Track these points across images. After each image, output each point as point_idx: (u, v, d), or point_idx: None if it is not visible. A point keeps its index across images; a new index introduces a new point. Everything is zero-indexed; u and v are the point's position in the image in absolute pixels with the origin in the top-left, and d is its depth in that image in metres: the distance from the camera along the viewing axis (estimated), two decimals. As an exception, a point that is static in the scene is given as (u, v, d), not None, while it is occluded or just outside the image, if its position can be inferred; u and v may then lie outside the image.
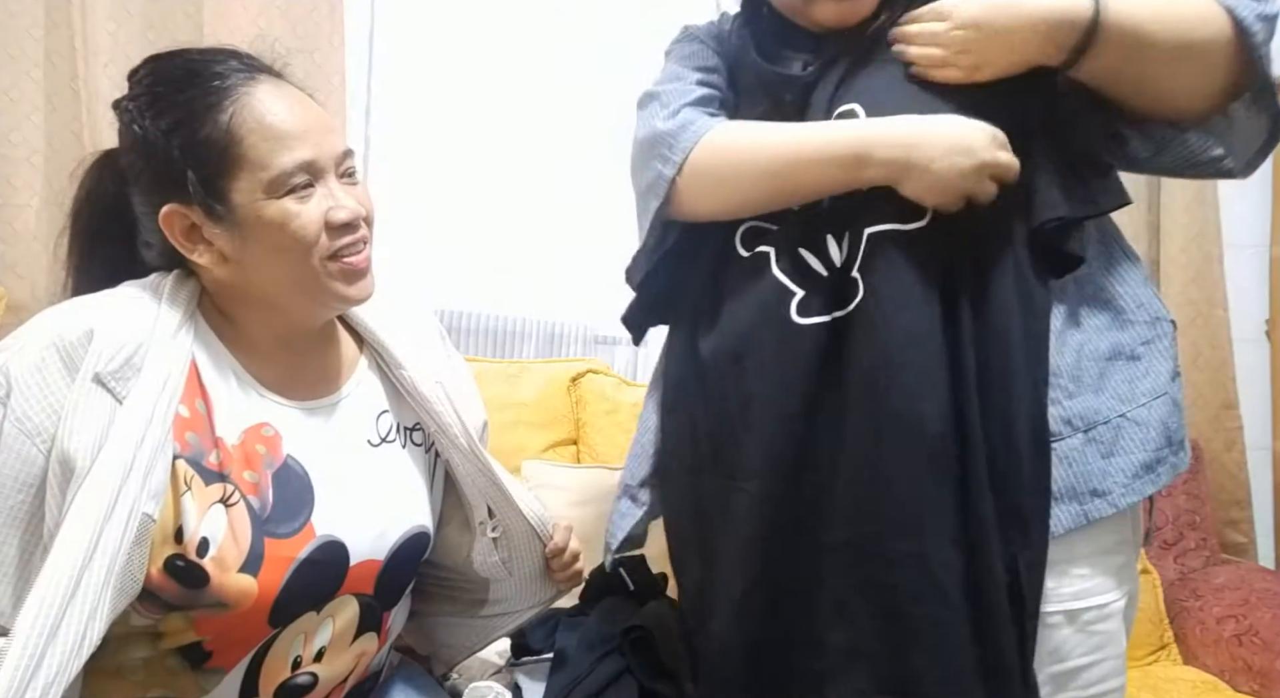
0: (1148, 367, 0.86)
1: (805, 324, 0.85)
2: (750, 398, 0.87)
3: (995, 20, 0.81)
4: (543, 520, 1.02)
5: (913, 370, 0.79)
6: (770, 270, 0.88)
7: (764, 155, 0.88)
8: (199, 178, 0.79)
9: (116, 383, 0.73)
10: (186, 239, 0.82)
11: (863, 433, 0.81)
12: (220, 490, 0.79)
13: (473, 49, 2.03)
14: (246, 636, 0.81)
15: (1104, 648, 0.83)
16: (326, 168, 0.83)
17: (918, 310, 0.80)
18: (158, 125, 0.80)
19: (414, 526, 0.94)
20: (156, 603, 0.77)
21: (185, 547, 0.76)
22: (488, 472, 0.98)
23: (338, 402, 0.92)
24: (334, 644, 0.87)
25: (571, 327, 2.08)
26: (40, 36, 1.66)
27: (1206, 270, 2.10)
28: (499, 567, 1.01)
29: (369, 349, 0.99)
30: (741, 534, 0.87)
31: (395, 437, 0.96)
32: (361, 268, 0.86)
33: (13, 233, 1.65)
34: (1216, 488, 2.08)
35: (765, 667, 0.86)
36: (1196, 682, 1.66)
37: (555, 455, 1.80)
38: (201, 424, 0.80)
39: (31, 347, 0.74)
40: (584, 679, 1.09)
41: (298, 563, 0.81)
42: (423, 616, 1.10)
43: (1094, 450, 0.82)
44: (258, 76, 0.83)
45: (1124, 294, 0.88)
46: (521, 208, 2.04)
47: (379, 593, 0.91)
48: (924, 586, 0.78)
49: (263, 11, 1.75)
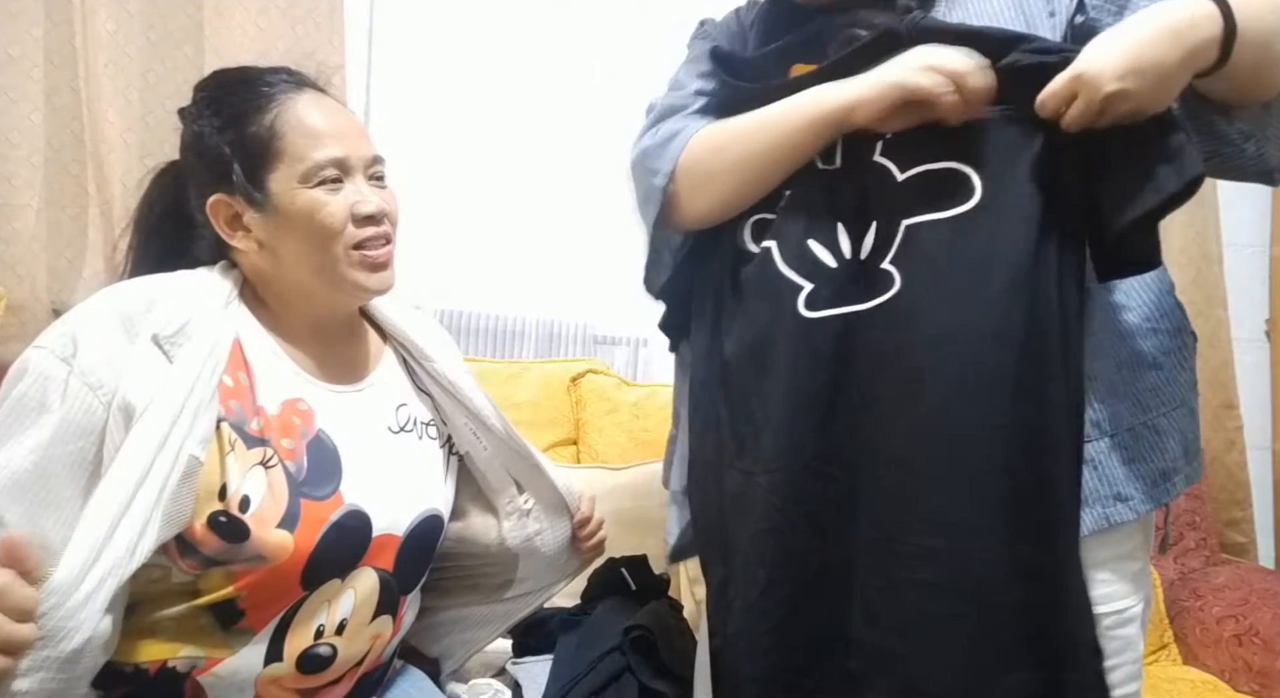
0: (1169, 376, 0.86)
1: (815, 317, 0.84)
2: (768, 395, 0.87)
3: (1150, 52, 0.74)
4: (570, 492, 1.13)
5: (957, 368, 0.78)
6: (775, 265, 0.88)
7: (747, 142, 0.90)
8: (243, 169, 0.89)
9: (170, 346, 0.82)
10: (229, 226, 0.91)
11: (899, 429, 0.80)
12: (261, 454, 0.86)
13: (472, 49, 2.03)
14: (279, 594, 0.86)
15: (1123, 653, 0.84)
16: (356, 167, 0.92)
17: (961, 305, 0.79)
18: (213, 124, 0.91)
19: (429, 508, 1.00)
20: (198, 557, 0.82)
21: (228, 503, 0.82)
22: (522, 450, 1.08)
23: (363, 389, 1.00)
24: (354, 618, 0.92)
25: (571, 327, 2.09)
26: (40, 36, 1.67)
27: (1206, 270, 2.10)
28: (531, 540, 1.09)
29: (394, 345, 1.06)
30: (755, 528, 0.86)
31: (413, 428, 1.03)
32: (382, 261, 0.94)
33: (13, 233, 1.65)
34: (1216, 488, 2.08)
35: (786, 668, 0.85)
36: (1196, 682, 1.66)
37: (555, 455, 1.80)
38: (245, 394, 0.87)
39: (99, 313, 0.82)
40: (584, 678, 1.10)
41: (329, 525, 0.88)
42: (437, 611, 1.14)
43: (1118, 455, 0.82)
44: (303, 88, 0.94)
45: (1150, 302, 0.87)
46: (521, 208, 2.04)
47: (397, 571, 0.96)
48: (959, 585, 0.77)
49: (263, 11, 1.76)
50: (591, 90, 2.04)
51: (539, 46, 2.05)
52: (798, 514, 0.84)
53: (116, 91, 1.69)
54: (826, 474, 0.84)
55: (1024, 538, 0.77)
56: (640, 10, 2.07)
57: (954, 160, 0.81)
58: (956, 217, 0.80)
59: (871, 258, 0.84)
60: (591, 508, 1.16)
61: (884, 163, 0.85)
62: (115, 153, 1.69)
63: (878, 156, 0.85)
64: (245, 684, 0.86)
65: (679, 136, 0.95)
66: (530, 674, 1.18)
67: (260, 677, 0.86)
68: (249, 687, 0.86)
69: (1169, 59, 0.74)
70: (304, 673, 0.89)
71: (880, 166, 0.85)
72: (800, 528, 0.84)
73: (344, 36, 1.83)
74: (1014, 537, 0.77)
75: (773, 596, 0.85)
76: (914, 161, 0.83)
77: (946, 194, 0.81)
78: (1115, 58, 0.74)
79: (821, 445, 0.84)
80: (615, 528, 1.59)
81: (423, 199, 1.98)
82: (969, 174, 0.81)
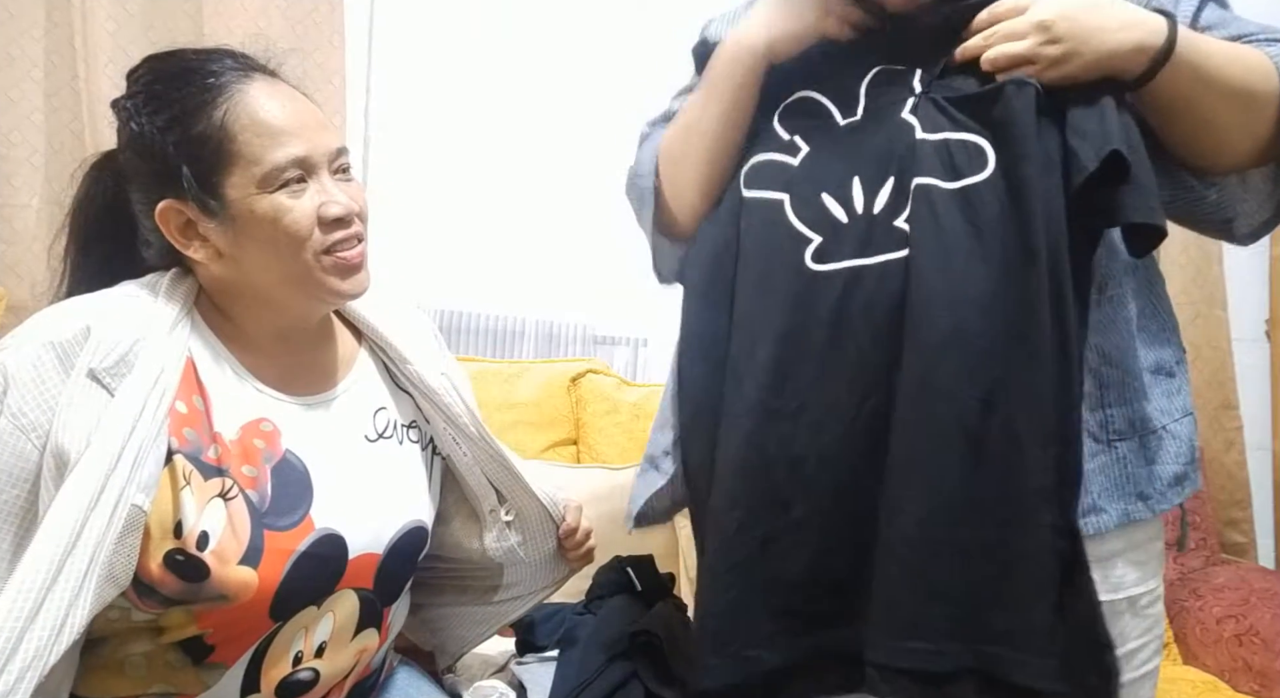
0: (1179, 385, 0.89)
1: (822, 270, 0.84)
2: (759, 342, 0.87)
3: (1088, 14, 0.80)
4: (554, 502, 1.06)
5: (945, 335, 0.78)
6: (785, 217, 0.88)
7: (699, 110, 0.95)
8: (193, 173, 0.80)
9: (110, 378, 0.74)
10: (182, 235, 0.83)
11: (887, 386, 0.81)
12: (219, 485, 0.79)
13: (472, 49, 2.03)
14: (248, 629, 0.82)
15: (1152, 629, 0.89)
16: (320, 164, 0.84)
17: (959, 274, 0.79)
18: (154, 122, 0.81)
19: (411, 520, 0.94)
20: (156, 598, 0.77)
21: (185, 541, 0.76)
22: (499, 457, 1.01)
23: (335, 397, 0.93)
24: (334, 640, 0.87)
25: (571, 327, 2.09)
26: (40, 36, 1.67)
27: (1206, 270, 2.10)
28: (514, 551, 1.04)
29: (369, 345, 0.99)
30: (734, 470, 0.86)
31: (392, 433, 0.97)
32: (355, 263, 0.86)
33: (13, 233, 1.65)
34: (1216, 488, 2.08)
35: (746, 605, 0.85)
36: (1196, 682, 1.66)
37: (555, 456, 1.80)
38: (199, 420, 0.80)
39: (28, 345, 0.75)
40: (590, 683, 1.09)
41: (297, 556, 0.82)
42: (430, 608, 1.11)
43: (1142, 456, 0.86)
44: (252, 75, 0.84)
45: (1163, 311, 0.91)
46: (521, 208, 2.04)
47: (378, 588, 0.91)
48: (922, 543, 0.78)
49: (263, 11, 1.76)
50: (592, 90, 2.04)
51: (539, 47, 2.05)
52: (780, 462, 0.84)
53: (116, 91, 1.67)
54: (817, 423, 0.84)
55: (984, 512, 0.78)
56: (640, 10, 2.07)
57: (974, 133, 0.82)
58: (969, 186, 0.81)
59: (884, 214, 0.84)
60: (578, 518, 1.09)
61: (910, 120, 0.85)
62: (115, 153, 1.69)
63: (905, 114, 0.85)
64: None
65: (651, 141, 1.02)
66: (534, 676, 1.17)
67: None
68: None
69: (1109, 24, 0.79)
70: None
71: (906, 123, 0.85)
72: (781, 475, 0.84)
73: (344, 36, 1.83)
74: (974, 510, 0.78)
75: (744, 536, 0.85)
76: (942, 127, 0.83)
77: (965, 162, 0.81)
78: (1065, 4, 0.80)
79: (814, 396, 0.84)
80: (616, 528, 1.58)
81: (423, 199, 1.98)
82: (984, 147, 0.81)
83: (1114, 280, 0.86)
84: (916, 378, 0.80)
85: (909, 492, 0.80)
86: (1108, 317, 0.85)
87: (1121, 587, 0.86)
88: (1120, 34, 0.79)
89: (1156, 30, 0.79)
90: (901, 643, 0.78)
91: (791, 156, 0.90)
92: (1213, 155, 0.85)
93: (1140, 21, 0.80)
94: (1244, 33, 0.85)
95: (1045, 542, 0.78)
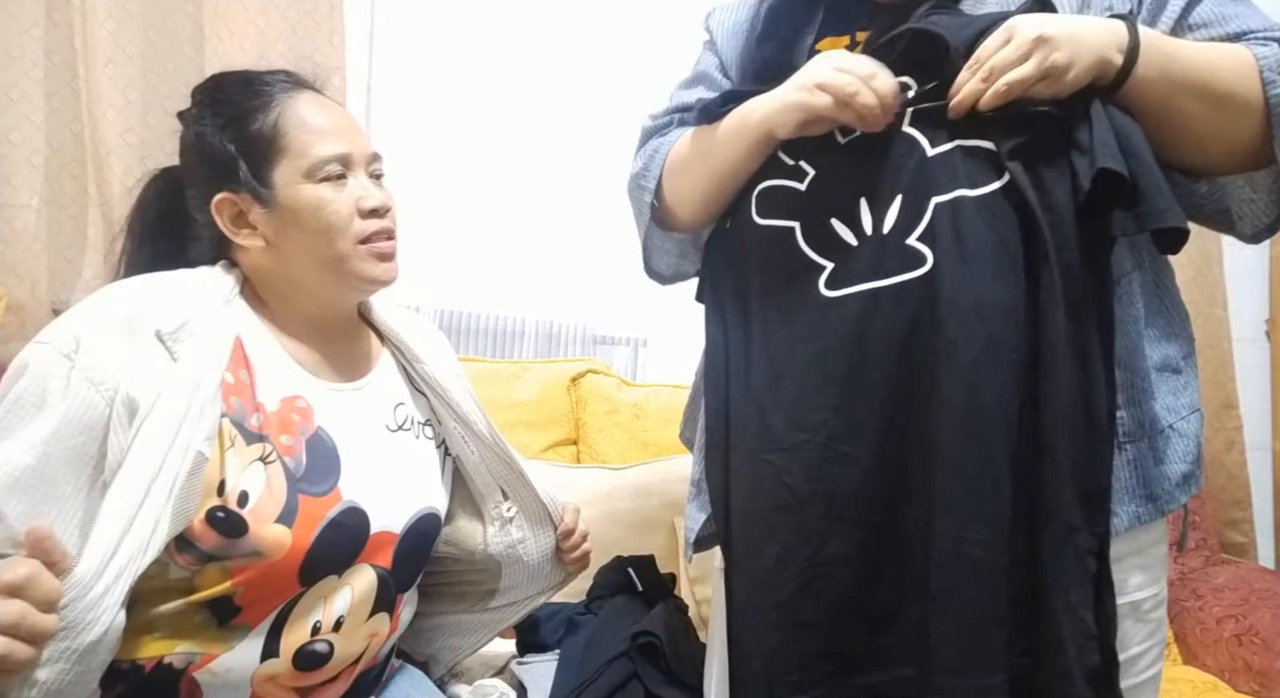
0: (1186, 381, 0.88)
1: (836, 296, 0.84)
2: (781, 373, 0.87)
3: (1068, 23, 0.80)
4: (554, 503, 1.12)
5: (980, 349, 0.78)
6: (797, 246, 0.87)
7: (703, 160, 0.97)
8: (248, 165, 0.91)
9: (173, 343, 0.83)
10: (234, 223, 0.93)
11: (919, 410, 0.80)
12: (260, 450, 0.87)
13: (472, 49, 2.03)
14: (276, 590, 0.87)
15: (1154, 635, 0.88)
16: (358, 163, 0.95)
17: (989, 285, 0.78)
18: (215, 124, 0.93)
19: (427, 506, 1.01)
20: (194, 553, 0.83)
21: (226, 498, 0.83)
22: (507, 457, 1.09)
23: (360, 388, 1.01)
24: (351, 616, 0.93)
25: (571, 327, 2.09)
26: (40, 36, 1.66)
27: (1206, 270, 2.10)
28: (514, 548, 1.09)
29: (390, 346, 1.08)
30: (767, 505, 0.86)
31: (411, 427, 1.05)
32: (388, 253, 0.97)
33: (13, 233, 1.65)
34: (1216, 488, 2.08)
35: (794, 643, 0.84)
36: (1196, 682, 1.66)
37: (555, 456, 1.80)
38: (245, 390, 0.89)
39: (101, 310, 0.83)
40: (590, 684, 1.09)
41: (326, 522, 0.89)
42: (426, 617, 1.14)
43: (1152, 456, 0.85)
44: (302, 89, 0.97)
45: (1171, 307, 0.90)
46: (521, 208, 2.04)
47: (395, 568, 0.97)
48: (959, 570, 0.78)
49: (263, 11, 1.76)
50: (592, 91, 2.04)
51: (539, 48, 2.05)
52: (814, 494, 0.84)
53: (116, 91, 1.69)
54: (845, 455, 0.83)
55: (1020, 529, 0.78)
56: (640, 10, 2.07)
57: (985, 139, 0.81)
58: (986, 195, 0.80)
59: (896, 233, 0.83)
60: (575, 520, 1.15)
61: (913, 134, 0.84)
62: (115, 153, 1.68)
63: (906, 127, 0.85)
64: (241, 682, 0.86)
65: (659, 155, 1.04)
66: (534, 676, 1.17)
67: (256, 674, 0.86)
68: (245, 684, 0.86)
69: (1085, 30, 0.80)
70: (300, 670, 0.89)
71: (909, 138, 0.84)
72: (815, 507, 0.84)
73: (344, 37, 1.82)
74: (1012, 527, 0.78)
75: (782, 572, 0.85)
76: (947, 137, 0.83)
77: (979, 171, 0.81)
78: (1041, 18, 0.80)
79: (839, 426, 0.83)
80: (616, 528, 1.59)
81: (423, 199, 1.98)
82: (993, 151, 0.81)
83: (1124, 278, 0.85)
84: (958, 396, 0.78)
85: (957, 515, 0.78)
86: (1116, 317, 0.84)
87: (1125, 591, 0.84)
88: (1098, 37, 0.79)
89: (1120, 33, 0.79)
90: (972, 681, 0.78)
91: (798, 182, 0.90)
92: (1196, 157, 0.84)
93: (1105, 25, 0.80)
94: (1246, 29, 0.83)
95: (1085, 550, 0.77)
